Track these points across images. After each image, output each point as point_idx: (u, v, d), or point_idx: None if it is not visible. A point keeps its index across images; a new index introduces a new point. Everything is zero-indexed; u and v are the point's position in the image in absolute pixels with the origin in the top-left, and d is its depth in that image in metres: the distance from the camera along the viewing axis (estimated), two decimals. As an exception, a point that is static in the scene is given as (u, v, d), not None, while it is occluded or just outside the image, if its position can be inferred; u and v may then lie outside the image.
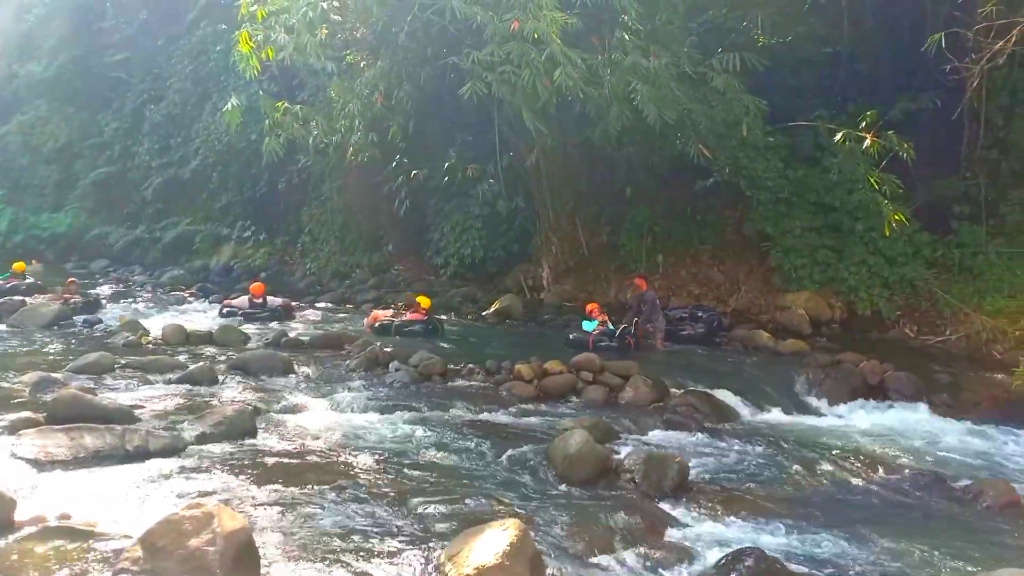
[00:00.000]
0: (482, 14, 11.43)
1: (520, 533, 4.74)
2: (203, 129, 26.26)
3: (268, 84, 20.82)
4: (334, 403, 9.09)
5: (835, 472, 7.61)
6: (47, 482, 5.93)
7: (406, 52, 13.57)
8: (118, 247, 27.53)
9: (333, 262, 21.88)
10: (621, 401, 9.94)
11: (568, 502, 6.35)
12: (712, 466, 7.55)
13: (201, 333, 12.92)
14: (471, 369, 11.01)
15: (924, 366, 11.25)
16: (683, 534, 5.85)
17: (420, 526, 5.64)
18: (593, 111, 12.94)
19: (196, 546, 4.35)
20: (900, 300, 13.83)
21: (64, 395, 7.71)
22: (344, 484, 6.31)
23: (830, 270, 14.25)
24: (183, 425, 7.60)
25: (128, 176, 28.78)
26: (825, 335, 13.53)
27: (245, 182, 24.96)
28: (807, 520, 6.23)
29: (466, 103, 12.48)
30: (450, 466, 7.14)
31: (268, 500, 5.90)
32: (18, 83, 30.82)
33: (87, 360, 10.08)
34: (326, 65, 12.59)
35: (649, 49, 12.06)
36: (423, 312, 13.98)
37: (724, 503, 6.50)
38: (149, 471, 6.36)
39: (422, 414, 8.89)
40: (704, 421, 9.20)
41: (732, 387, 10.33)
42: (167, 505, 5.50)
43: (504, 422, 8.87)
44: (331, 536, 5.34)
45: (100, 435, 6.75)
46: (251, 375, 10.32)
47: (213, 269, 24.18)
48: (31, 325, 13.59)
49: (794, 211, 14.65)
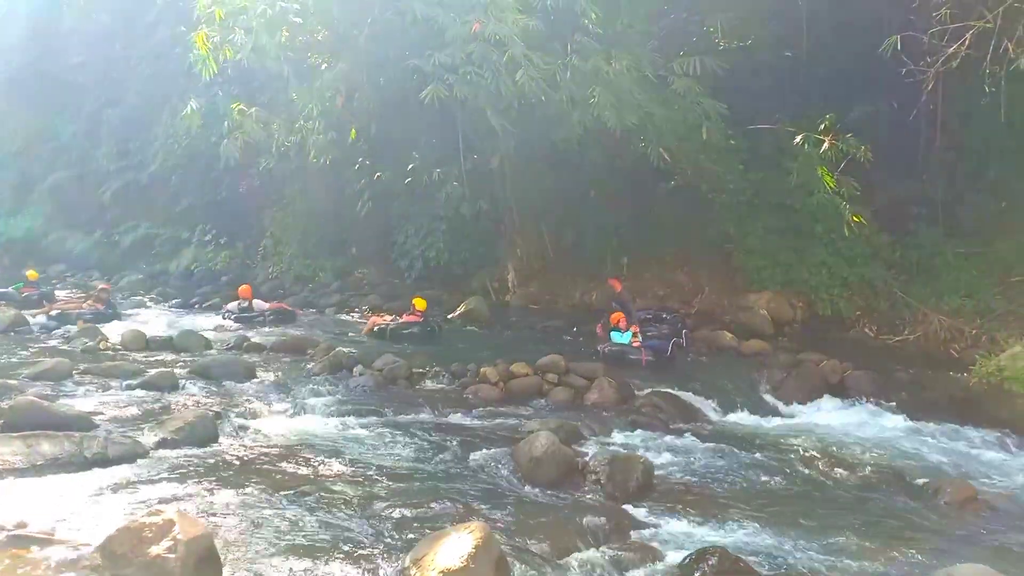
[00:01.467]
0: (443, 15, 11.42)
1: (485, 536, 4.73)
2: (162, 132, 25.92)
3: (228, 87, 20.59)
4: (296, 408, 9.01)
5: (797, 471, 7.71)
6: (3, 490, 5.80)
7: (367, 54, 13.50)
8: (77, 251, 27.09)
9: (296, 265, 21.69)
10: (587, 402, 9.98)
11: (534, 504, 6.36)
12: (677, 466, 7.61)
13: (161, 339, 12.71)
14: (436, 372, 10.97)
15: (883, 365, 11.42)
16: (648, 534, 5.89)
17: (384, 530, 5.61)
18: (555, 114, 12.98)
19: (157, 553, 4.30)
20: (860, 300, 14.04)
21: (21, 402, 7.57)
22: (307, 489, 6.26)
23: (791, 271, 14.43)
24: (143, 431, 7.47)
25: (86, 180, 28.35)
26: (787, 335, 13.70)
27: (206, 185, 24.67)
28: (770, 519, 6.30)
29: (428, 105, 12.44)
30: (415, 470, 7.12)
31: (230, 506, 5.83)
32: (-28, 87, 30.25)
33: (44, 366, 9.86)
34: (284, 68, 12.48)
35: (610, 53, 12.12)
36: (419, 314, 13.90)
37: (688, 503, 6.56)
38: (108, 478, 6.25)
39: (386, 418, 8.86)
40: (669, 422, 9.27)
41: (696, 388, 10.43)
42: (127, 512, 5.43)
43: (469, 425, 8.87)
44: (294, 542, 5.28)
45: (58, 442, 6.62)
46: (212, 380, 10.15)
47: (173, 273, 23.89)
48: (-14, 331, 13.29)
49: (756, 213, 14.81)
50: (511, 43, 11.01)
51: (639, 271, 16.36)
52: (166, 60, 26.62)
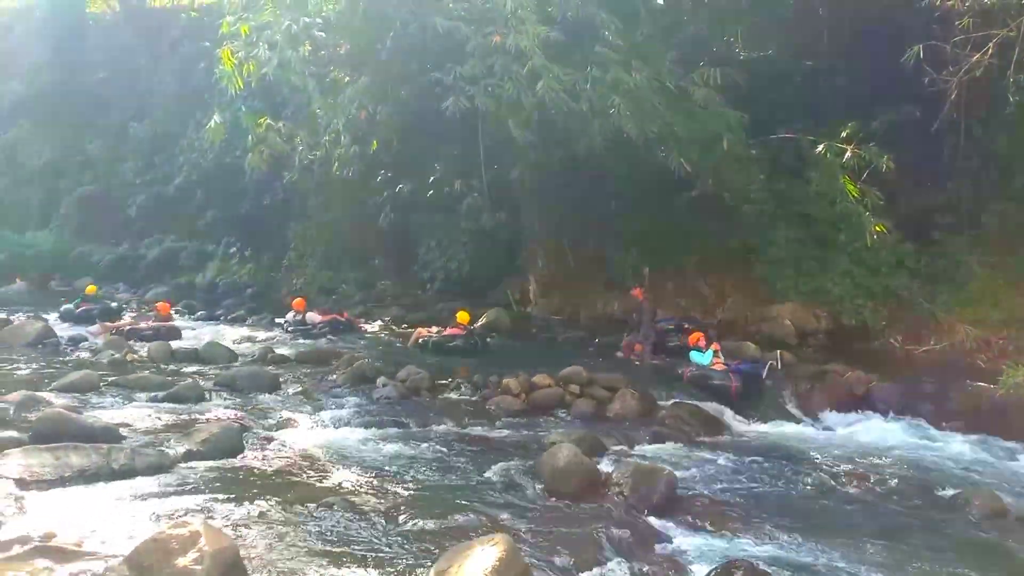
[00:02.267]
0: (464, 28, 11.48)
1: (509, 548, 4.73)
2: (187, 146, 26.24)
3: (252, 101, 20.80)
4: (321, 419, 9.05)
5: (823, 483, 7.65)
6: (32, 502, 5.85)
7: (389, 68, 13.59)
8: (103, 265, 27.36)
9: (319, 278, 21.85)
10: (609, 414, 9.95)
11: (557, 516, 6.34)
12: (701, 478, 7.57)
13: (187, 350, 12.86)
14: (459, 383, 11.00)
15: (909, 376, 11.32)
16: (672, 547, 5.86)
17: (408, 542, 5.62)
18: (576, 125, 12.99)
19: (183, 565, 4.33)
20: (885, 310, 13.92)
21: (49, 414, 7.66)
22: (331, 501, 6.28)
23: (815, 281, 14.34)
24: (169, 443, 7.53)
25: (112, 194, 28.69)
26: (811, 345, 13.60)
27: (230, 199, 24.91)
28: (796, 531, 6.25)
29: (450, 118, 12.50)
30: (438, 481, 7.12)
31: (255, 518, 5.86)
32: (1, 102, 30.69)
33: (72, 378, 10.00)
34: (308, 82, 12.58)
35: (630, 64, 12.13)
36: (462, 327, 13.93)
37: (713, 515, 6.52)
38: (135, 490, 6.31)
39: (409, 429, 8.88)
40: (692, 433, 9.23)
41: (720, 399, 10.36)
42: (153, 524, 5.47)
43: (492, 436, 8.86)
44: (318, 554, 5.31)
45: (85, 454, 6.69)
46: (238, 392, 10.26)
47: (198, 286, 24.10)
48: (15, 343, 13.47)
49: (778, 223, 14.75)
50: (532, 55, 11.04)
51: (660, 281, 16.29)
52: (190, 75, 27.01)
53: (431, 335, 14.04)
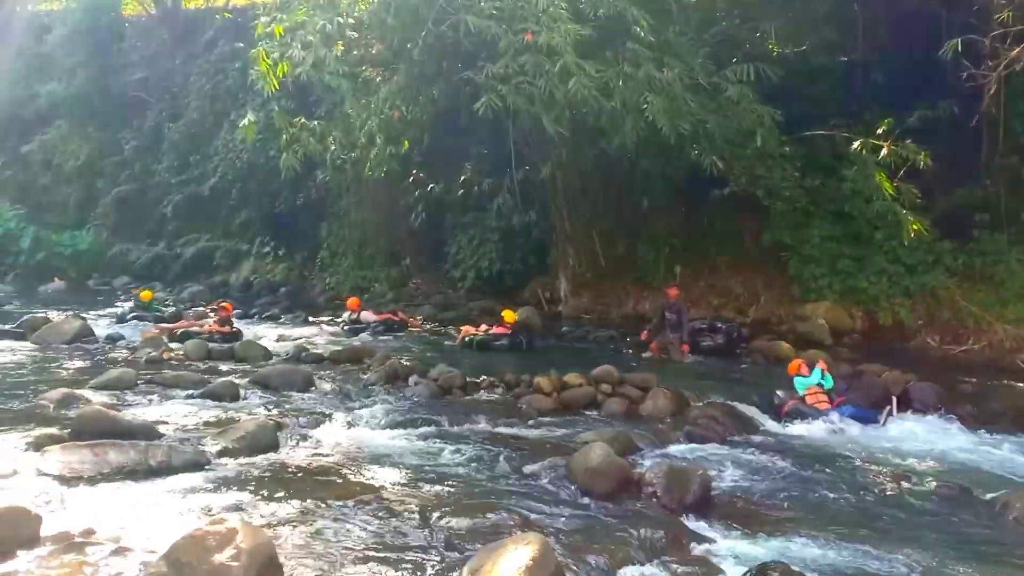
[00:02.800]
0: (495, 27, 11.49)
1: (542, 547, 4.72)
2: (222, 146, 26.51)
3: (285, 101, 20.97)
4: (355, 417, 9.10)
5: (858, 484, 7.54)
6: (72, 498, 5.96)
7: (421, 67, 13.65)
8: (139, 264, 27.76)
9: (351, 277, 21.99)
10: (642, 413, 9.88)
11: (590, 516, 6.32)
12: (735, 478, 7.50)
13: (222, 349, 13.01)
14: (491, 382, 11.00)
15: (947, 376, 11.15)
16: (707, 548, 5.80)
17: (442, 541, 5.63)
18: (607, 123, 12.95)
19: (220, 562, 4.37)
20: (922, 309, 13.75)
21: (88, 411, 7.78)
22: (366, 499, 6.31)
23: (850, 279, 14.20)
24: (206, 440, 7.63)
25: (148, 194, 29.06)
26: (846, 345, 13.45)
27: (264, 198, 25.15)
28: (832, 534, 6.17)
29: (481, 117, 12.53)
30: (470, 480, 7.13)
31: (290, 515, 5.92)
32: (39, 103, 31.20)
33: (110, 376, 10.16)
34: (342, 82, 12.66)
35: (662, 60, 12.07)
36: (508, 326, 13.95)
37: (748, 516, 6.45)
38: (172, 486, 6.39)
39: (442, 428, 8.89)
40: (726, 433, 9.13)
41: (754, 399, 10.27)
42: (191, 520, 5.53)
43: (524, 435, 8.84)
44: (353, 551, 5.34)
45: (124, 451, 6.79)
46: (272, 390, 10.35)
47: (233, 285, 24.36)
48: (54, 341, 13.71)
49: (812, 220, 14.62)
50: (563, 52, 11.02)
51: (692, 280, 16.24)
52: (225, 75, 27.30)
53: (477, 333, 14.05)
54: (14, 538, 4.94)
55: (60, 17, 32.04)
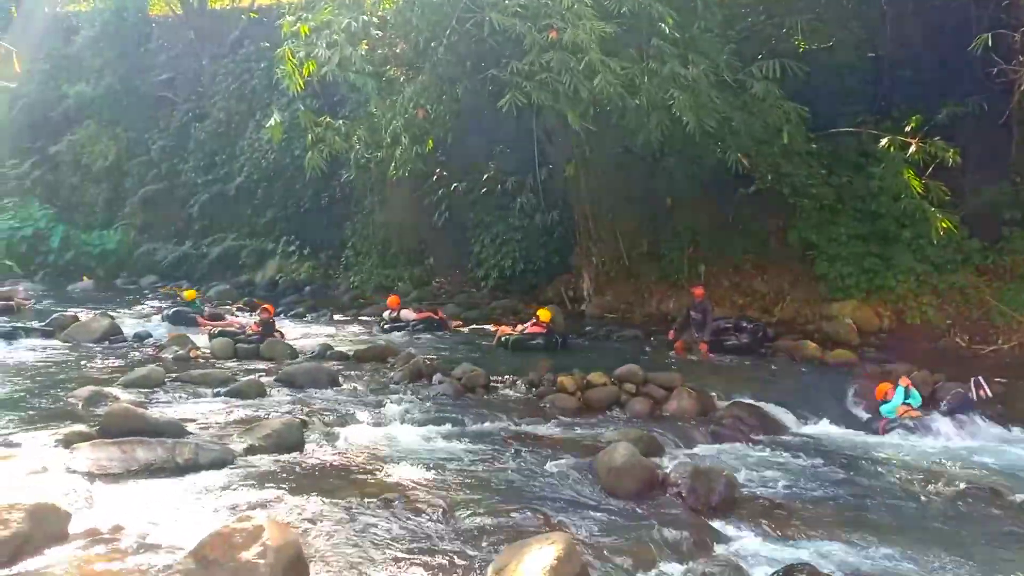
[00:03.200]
0: (520, 25, 11.48)
1: (567, 547, 4.72)
2: (247, 146, 26.69)
3: (310, 100, 21.08)
4: (379, 415, 9.15)
5: (887, 486, 7.47)
6: (100, 495, 6.03)
7: (446, 66, 13.67)
8: (166, 263, 28.00)
9: (375, 276, 22.08)
10: (666, 413, 9.85)
11: (614, 516, 6.30)
12: (761, 479, 7.45)
13: (248, 347, 13.11)
14: (513, 381, 11.01)
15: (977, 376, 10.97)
16: (732, 550, 5.77)
17: (467, 539, 5.64)
18: (632, 120, 12.90)
19: (247, 559, 4.40)
20: (950, 308, 13.57)
21: (116, 409, 7.86)
22: (391, 497, 6.34)
23: (877, 278, 14.04)
24: (232, 438, 7.70)
25: (175, 193, 29.29)
26: (874, 345, 13.30)
27: (289, 198, 25.30)
28: (860, 536, 6.11)
29: (504, 115, 12.51)
30: (495, 479, 7.14)
31: (316, 512, 5.95)
32: (68, 104, 31.53)
33: (138, 374, 10.29)
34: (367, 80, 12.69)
35: (687, 57, 12.01)
36: (543, 325, 13.91)
37: (774, 518, 6.40)
38: (199, 484, 6.45)
39: (466, 426, 8.92)
40: (751, 433, 9.09)
41: (779, 399, 10.19)
42: (218, 517, 5.58)
43: (547, 434, 8.84)
44: (379, 549, 5.36)
45: (151, 448, 6.86)
46: (298, 388, 10.43)
47: (258, 284, 24.53)
48: (83, 339, 13.88)
49: (839, 218, 14.47)
50: (588, 50, 10.98)
51: (717, 279, 16.13)
52: (250, 75, 27.49)
53: (513, 333, 14.04)
54: (44, 534, 5.01)
55: (88, 18, 32.39)
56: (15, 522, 4.88)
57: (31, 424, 7.88)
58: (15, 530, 4.85)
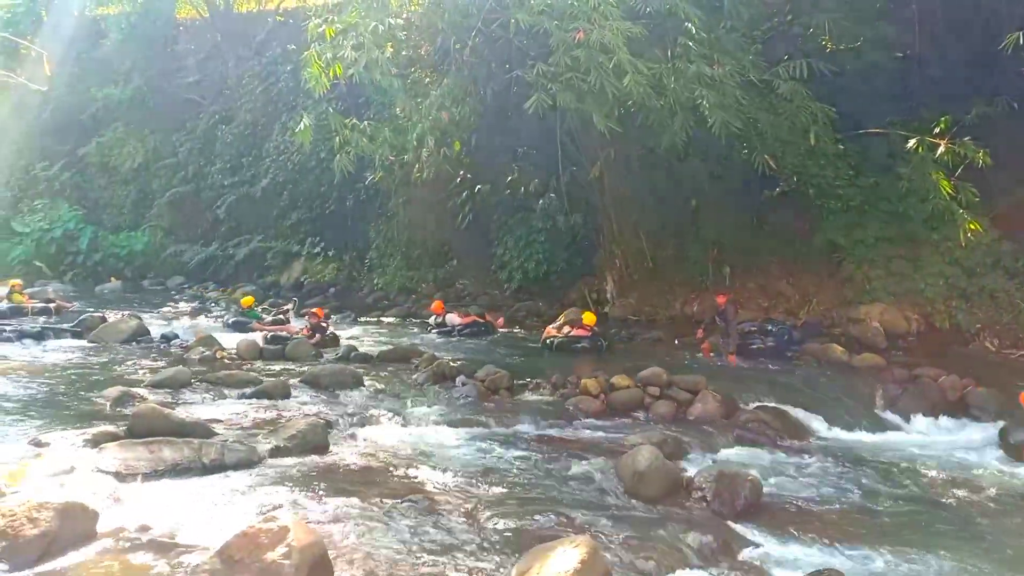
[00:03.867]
0: (547, 24, 11.47)
1: (591, 550, 4.70)
2: (273, 148, 26.88)
3: (336, 103, 21.18)
4: (403, 417, 9.18)
5: (914, 492, 7.38)
6: (128, 494, 6.09)
7: (471, 67, 13.68)
8: (193, 264, 28.25)
9: (399, 277, 22.12)
10: (690, 416, 9.79)
11: (638, 519, 6.28)
12: (786, 484, 7.39)
13: (274, 348, 13.19)
14: (537, 383, 10.99)
15: (1006, 381, 10.79)
16: (757, 554, 5.73)
17: (490, 541, 5.64)
18: (657, 122, 12.84)
19: (272, 559, 4.43)
20: (980, 312, 13.36)
21: (143, 409, 7.93)
22: (414, 498, 6.36)
23: (905, 281, 13.87)
24: (258, 439, 7.75)
25: (202, 195, 29.55)
26: (901, 349, 13.13)
27: (314, 199, 25.42)
28: (886, 542, 6.04)
29: (529, 117, 12.50)
30: (518, 481, 7.13)
31: (340, 513, 5.98)
32: (97, 106, 31.91)
33: (165, 375, 10.38)
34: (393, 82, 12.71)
35: (713, 57, 11.94)
36: (587, 328, 13.84)
37: (799, 523, 6.35)
38: (225, 484, 6.51)
39: (489, 428, 8.92)
40: (776, 438, 9.02)
41: (805, 403, 10.09)
42: (243, 518, 5.61)
43: (571, 437, 8.83)
44: (402, 551, 5.38)
45: (178, 448, 6.93)
46: (322, 389, 10.48)
47: (284, 285, 24.68)
48: (111, 340, 14.03)
49: (866, 220, 14.30)
50: (616, 49, 10.94)
51: (742, 281, 16.00)
52: (276, 78, 27.69)
53: (557, 335, 13.99)
54: (72, 533, 5.08)
55: (116, 22, 32.75)
56: (44, 521, 4.95)
57: (60, 424, 7.98)
58: (44, 528, 4.92)
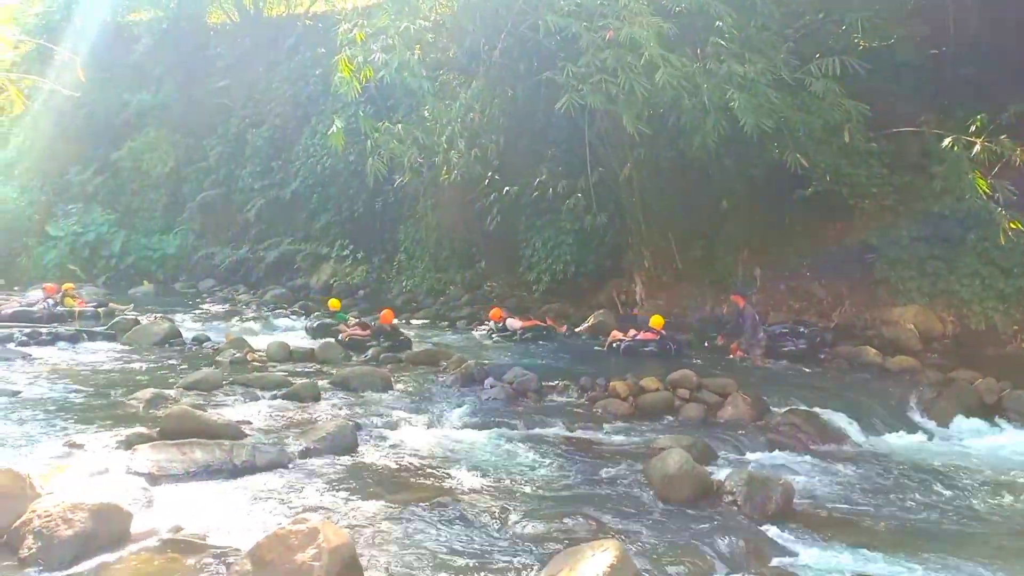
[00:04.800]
0: (576, 25, 11.43)
1: (620, 554, 4.66)
2: (303, 151, 27.07)
3: (366, 106, 21.27)
4: (432, 419, 9.19)
5: (949, 497, 7.25)
6: (160, 495, 6.13)
7: (500, 69, 13.67)
8: (224, 267, 28.49)
9: (428, 279, 22.18)
10: (720, 419, 9.71)
11: (668, 523, 6.22)
12: (818, 489, 7.29)
13: (303, 350, 13.28)
14: (565, 386, 10.96)
15: None
16: (789, 560, 5.65)
17: (519, 544, 5.62)
18: (689, 122, 12.74)
19: (303, 561, 4.45)
20: (1017, 314, 13.12)
21: (175, 411, 7.99)
22: (443, 500, 6.35)
23: (940, 282, 13.66)
24: (288, 440, 7.79)
25: (232, 198, 29.82)
26: (936, 351, 12.95)
27: (343, 202, 25.55)
28: (921, 549, 5.94)
29: (557, 118, 12.47)
30: (547, 484, 7.11)
31: (370, 515, 5.99)
32: (129, 111, 32.34)
33: (197, 377, 10.47)
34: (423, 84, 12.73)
35: (745, 56, 11.83)
36: (656, 331, 13.72)
37: (832, 528, 6.26)
38: (256, 485, 6.55)
39: (518, 431, 8.90)
40: (808, 441, 8.91)
41: (838, 406, 9.95)
42: (274, 519, 5.66)
43: (600, 440, 8.79)
44: (431, 553, 5.37)
45: (210, 450, 6.98)
46: (352, 391, 10.52)
47: (314, 287, 24.83)
48: (144, 342, 14.19)
49: (900, 220, 14.11)
50: (647, 46, 10.86)
51: (772, 283, 15.84)
52: (306, 82, 27.89)
53: (624, 339, 13.92)
54: (107, 534, 5.13)
55: (148, 27, 33.19)
56: (79, 521, 5.00)
57: (94, 425, 8.07)
58: (79, 529, 4.97)
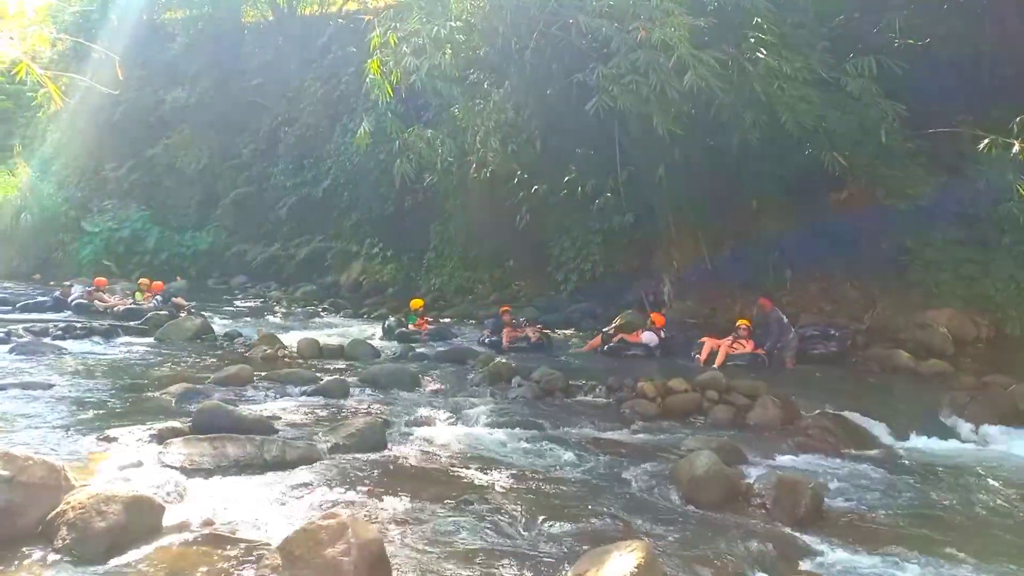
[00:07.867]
0: (607, 26, 11.40)
1: (647, 555, 4.64)
2: (334, 150, 27.25)
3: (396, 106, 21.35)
4: (459, 417, 9.22)
5: (982, 504, 7.15)
6: (192, 489, 6.21)
7: (532, 70, 13.66)
8: (256, 263, 28.77)
9: (456, 278, 22.23)
10: (749, 422, 9.65)
11: (695, 525, 6.20)
12: (849, 493, 7.21)
13: (333, 347, 13.38)
14: (593, 386, 10.96)
15: None
16: (818, 564, 5.60)
17: (546, 544, 5.63)
18: (728, 118, 12.64)
19: (332, 556, 4.48)
20: (1055, 319, 12.92)
21: (207, 406, 8.11)
22: (470, 498, 6.37)
23: (975, 286, 13.46)
24: (317, 436, 7.86)
25: (264, 196, 30.09)
26: (970, 355, 12.75)
27: (374, 201, 25.68)
28: (951, 555, 5.86)
29: (587, 118, 12.44)
30: (574, 483, 7.11)
31: (398, 512, 6.03)
32: (164, 109, 32.77)
33: (228, 372, 10.59)
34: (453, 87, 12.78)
35: (781, 54, 11.74)
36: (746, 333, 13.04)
37: (862, 533, 6.19)
38: (286, 480, 6.61)
39: (545, 430, 8.91)
40: (839, 445, 8.81)
41: (869, 410, 9.84)
42: (303, 514, 5.71)
43: (627, 441, 8.78)
44: (459, 550, 5.39)
45: (241, 445, 7.06)
46: (380, 388, 10.60)
47: (343, 285, 25.00)
48: (176, 338, 14.38)
49: (935, 222, 13.91)
50: (678, 46, 10.81)
51: (803, 284, 15.70)
52: (338, 80, 28.07)
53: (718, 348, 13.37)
54: (140, 526, 5.19)
55: (183, 25, 33.59)
56: (113, 513, 5.07)
57: (127, 420, 8.17)
58: (112, 521, 5.04)
